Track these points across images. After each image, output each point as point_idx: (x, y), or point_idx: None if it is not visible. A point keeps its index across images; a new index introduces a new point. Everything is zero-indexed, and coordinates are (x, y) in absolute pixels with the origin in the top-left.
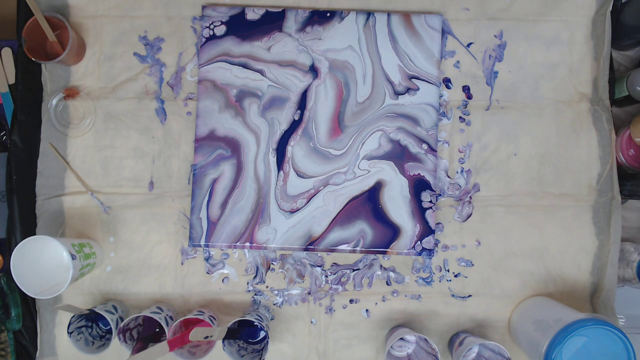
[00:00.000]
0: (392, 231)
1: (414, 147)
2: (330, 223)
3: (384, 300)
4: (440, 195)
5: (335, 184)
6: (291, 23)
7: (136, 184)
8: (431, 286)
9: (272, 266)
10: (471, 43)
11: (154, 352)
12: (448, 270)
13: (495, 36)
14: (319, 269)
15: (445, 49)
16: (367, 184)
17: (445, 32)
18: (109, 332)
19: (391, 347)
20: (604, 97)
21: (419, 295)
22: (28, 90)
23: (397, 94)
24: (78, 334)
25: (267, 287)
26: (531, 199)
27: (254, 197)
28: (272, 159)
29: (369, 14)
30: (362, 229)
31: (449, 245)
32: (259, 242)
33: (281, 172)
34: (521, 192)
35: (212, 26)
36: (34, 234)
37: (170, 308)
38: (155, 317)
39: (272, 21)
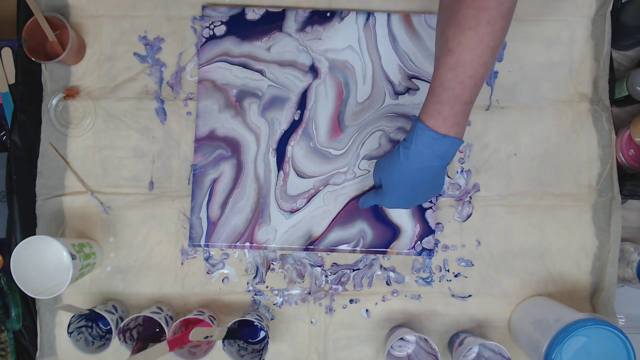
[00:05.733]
0: (392, 231)
1: None
2: (330, 223)
3: (384, 300)
4: (440, 195)
5: (335, 184)
6: (291, 23)
7: (136, 184)
8: (431, 286)
9: (272, 266)
10: None
11: (154, 352)
12: (448, 270)
13: None
14: (319, 269)
15: None
16: (367, 184)
17: None
18: (109, 332)
19: (391, 347)
20: (604, 97)
21: (419, 295)
22: (28, 90)
23: (397, 93)
24: (78, 334)
25: (267, 287)
26: (531, 199)
27: (254, 197)
28: (272, 159)
29: (369, 14)
30: (362, 229)
31: (449, 245)
32: (259, 242)
33: (281, 172)
34: (521, 192)
35: (212, 26)
36: (34, 234)
37: (170, 308)
38: (155, 317)
39: (272, 21)
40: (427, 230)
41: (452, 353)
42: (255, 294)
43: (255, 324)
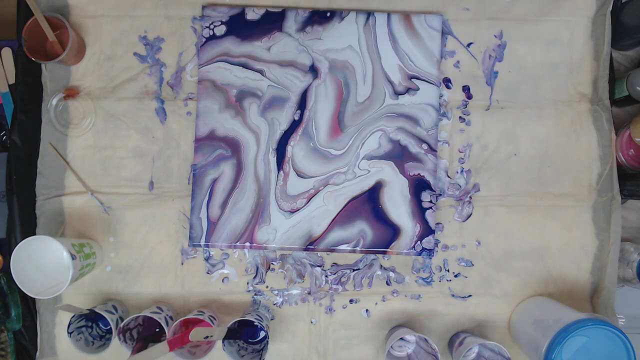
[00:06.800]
0: (392, 231)
1: (414, 147)
2: (330, 223)
3: (384, 300)
4: (440, 195)
5: (335, 184)
6: (291, 23)
7: (136, 184)
8: (431, 286)
9: (272, 266)
10: (471, 43)
11: (154, 352)
12: (448, 270)
13: (495, 36)
14: (319, 269)
15: (445, 49)
16: (367, 184)
17: (445, 32)
18: (109, 332)
19: (391, 347)
20: (604, 97)
21: (419, 295)
22: (28, 90)
23: (397, 94)
24: (78, 334)
25: (267, 287)
26: (531, 199)
27: (254, 197)
28: (272, 159)
29: (369, 14)
30: (362, 229)
31: (449, 245)
32: (259, 242)
33: (281, 172)
34: (521, 192)
35: (212, 26)
36: (34, 234)
37: (170, 308)
38: (155, 317)
39: (272, 21)
40: (427, 230)
41: (452, 353)
42: (255, 294)
43: (255, 324)
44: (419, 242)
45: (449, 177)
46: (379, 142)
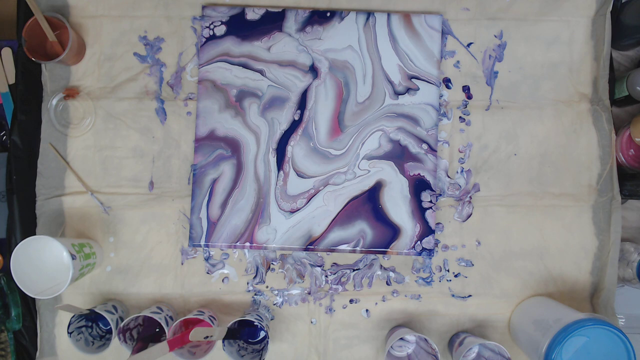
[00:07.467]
0: (392, 231)
1: (414, 147)
2: (330, 223)
3: (384, 300)
4: (440, 195)
5: (335, 184)
6: (291, 23)
7: (136, 184)
8: (431, 286)
9: (272, 266)
10: (471, 43)
11: (154, 352)
12: (448, 270)
13: (495, 36)
14: (319, 269)
15: (445, 49)
16: (367, 184)
17: (445, 32)
18: (109, 332)
19: (391, 347)
20: (604, 97)
21: (419, 295)
22: (28, 90)
23: (397, 94)
24: (78, 334)
25: (267, 287)
26: (531, 199)
27: (254, 197)
28: (272, 159)
29: (369, 14)
30: (362, 229)
31: (449, 245)
32: (259, 242)
33: (281, 172)
34: (521, 192)
35: (212, 26)
36: (34, 234)
37: (170, 308)
38: (155, 317)
39: (272, 21)
40: (427, 230)
41: (452, 353)
42: (255, 294)
43: (255, 324)
44: (419, 242)
45: (449, 177)
46: (379, 142)
